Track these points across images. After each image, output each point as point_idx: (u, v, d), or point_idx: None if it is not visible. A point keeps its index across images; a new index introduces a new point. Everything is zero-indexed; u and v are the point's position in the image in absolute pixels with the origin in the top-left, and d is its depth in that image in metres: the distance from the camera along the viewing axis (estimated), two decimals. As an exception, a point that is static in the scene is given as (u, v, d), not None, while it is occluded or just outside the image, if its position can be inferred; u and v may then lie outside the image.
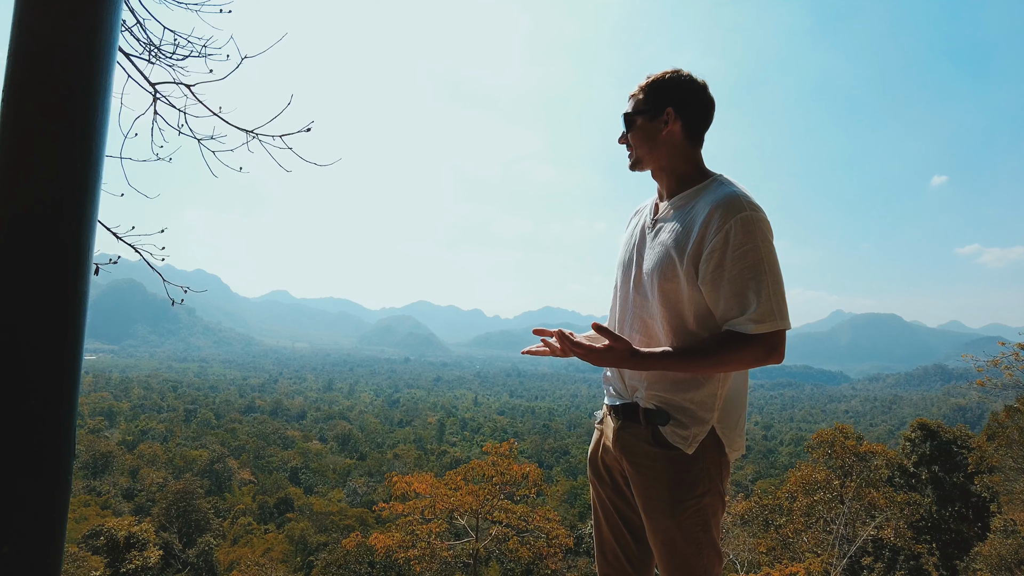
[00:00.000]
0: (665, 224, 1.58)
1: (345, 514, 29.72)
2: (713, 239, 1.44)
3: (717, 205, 1.45)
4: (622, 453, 1.64)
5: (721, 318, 1.46)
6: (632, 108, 1.61)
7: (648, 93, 1.58)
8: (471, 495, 11.15)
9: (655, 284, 1.55)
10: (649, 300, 1.58)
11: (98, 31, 1.08)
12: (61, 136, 1.04)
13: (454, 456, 47.16)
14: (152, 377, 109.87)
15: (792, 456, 50.29)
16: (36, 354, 1.00)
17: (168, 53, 2.30)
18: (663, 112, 1.55)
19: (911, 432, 17.00)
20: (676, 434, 1.53)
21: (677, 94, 1.55)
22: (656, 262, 1.55)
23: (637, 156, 1.62)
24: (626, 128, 1.62)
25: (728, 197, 1.45)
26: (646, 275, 1.59)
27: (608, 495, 1.75)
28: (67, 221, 1.04)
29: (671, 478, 1.54)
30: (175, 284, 2.68)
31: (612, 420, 1.70)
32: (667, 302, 1.53)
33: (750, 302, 1.41)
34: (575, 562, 18.18)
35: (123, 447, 43.34)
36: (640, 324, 1.61)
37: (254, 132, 2.34)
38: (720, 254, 1.43)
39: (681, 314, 1.52)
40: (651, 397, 1.57)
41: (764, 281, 1.41)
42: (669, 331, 1.54)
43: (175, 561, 23.61)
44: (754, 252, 1.41)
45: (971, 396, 49.77)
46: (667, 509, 1.54)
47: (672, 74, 1.57)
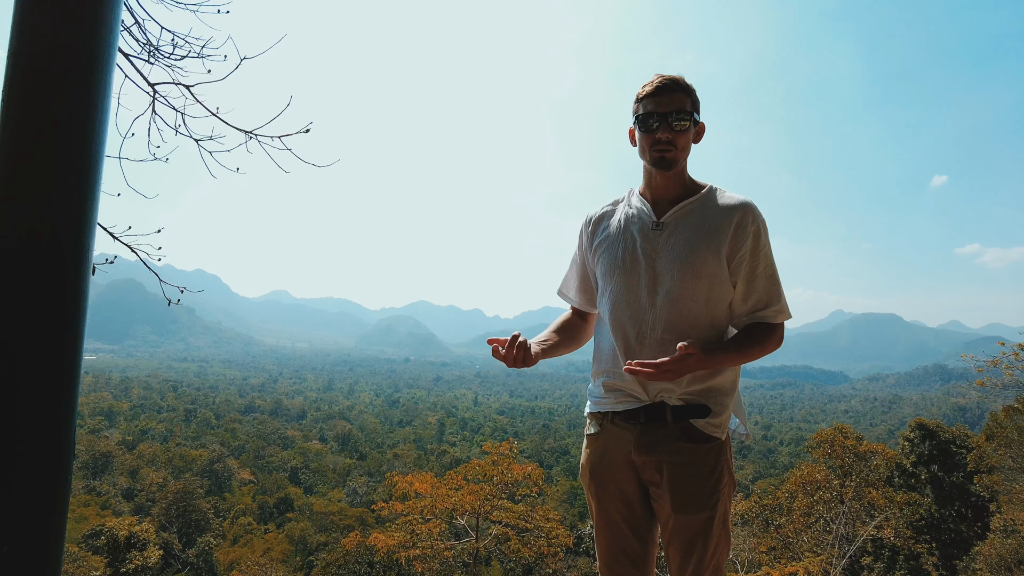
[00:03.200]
0: (680, 224, 1.61)
1: (345, 514, 29.71)
2: (746, 239, 1.58)
3: (743, 208, 1.60)
4: (648, 455, 1.62)
5: (751, 309, 1.63)
6: (691, 108, 1.58)
7: (694, 98, 1.62)
8: (471, 495, 11.15)
9: (685, 282, 1.58)
10: (677, 299, 1.58)
11: (98, 31, 1.09)
12: (61, 136, 1.04)
13: (454, 456, 47.10)
14: (152, 377, 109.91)
15: (792, 456, 50.27)
16: (36, 354, 1.00)
17: (167, 53, 2.30)
18: (698, 121, 1.63)
19: (910, 432, 17.01)
20: (710, 424, 1.60)
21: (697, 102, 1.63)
22: (683, 260, 1.58)
23: (677, 156, 1.59)
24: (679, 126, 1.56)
25: (747, 201, 1.62)
26: (668, 275, 1.59)
27: (614, 505, 1.71)
28: (67, 221, 1.04)
29: (705, 470, 1.60)
30: (173, 284, 2.68)
31: (625, 426, 1.66)
32: (699, 298, 1.59)
33: (776, 295, 1.62)
34: (575, 562, 18.19)
35: (123, 447, 43.32)
36: (671, 326, 1.59)
37: (252, 133, 2.34)
38: (753, 252, 1.59)
39: (713, 310, 1.62)
40: (685, 393, 1.60)
41: (778, 277, 1.64)
42: (696, 326, 1.59)
43: (175, 561, 23.62)
44: (771, 251, 1.63)
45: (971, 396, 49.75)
46: (702, 503, 1.59)
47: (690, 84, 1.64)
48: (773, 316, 1.62)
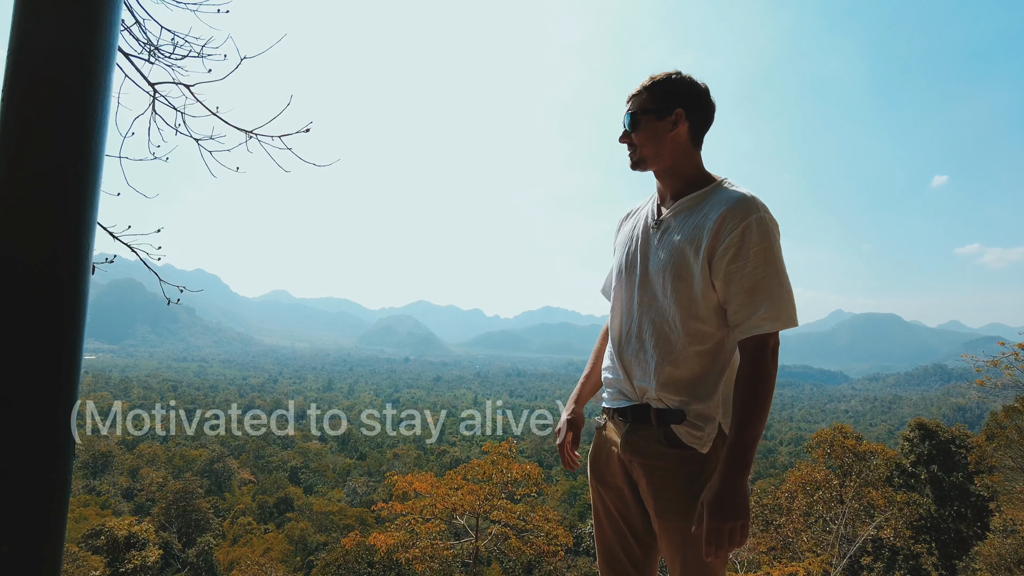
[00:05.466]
0: (674, 224, 1.57)
1: (345, 514, 29.71)
2: (729, 236, 1.45)
3: (733, 205, 1.47)
4: (632, 455, 1.62)
5: (734, 315, 1.47)
6: (639, 107, 1.58)
7: (656, 92, 1.57)
8: (471, 495, 11.15)
9: (668, 283, 1.54)
10: (660, 300, 1.57)
11: (98, 31, 1.09)
12: (61, 135, 1.04)
13: (454, 456, 47.14)
14: (152, 377, 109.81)
15: (792, 456, 50.25)
16: (36, 354, 1.00)
17: (167, 53, 2.30)
18: (672, 112, 1.55)
19: (909, 432, 17.01)
20: (690, 435, 1.53)
21: (687, 96, 1.56)
22: (668, 261, 1.55)
23: (641, 155, 1.61)
24: (631, 127, 1.59)
25: (743, 198, 1.48)
26: (656, 275, 1.58)
27: (611, 499, 1.72)
28: (67, 221, 1.04)
29: (685, 478, 1.53)
30: (173, 284, 2.68)
31: (618, 423, 1.68)
32: (680, 301, 1.52)
33: (762, 300, 1.43)
34: (575, 561, 18.18)
35: (123, 447, 43.32)
36: (651, 327, 1.58)
37: (252, 132, 2.34)
38: (736, 251, 1.44)
39: (695, 314, 1.52)
40: (664, 399, 1.55)
41: (778, 280, 1.45)
42: (683, 332, 1.53)
43: (175, 561, 23.62)
44: (769, 252, 1.44)
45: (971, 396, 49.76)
46: (681, 510, 1.53)
47: (678, 75, 1.57)
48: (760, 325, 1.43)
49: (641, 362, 1.60)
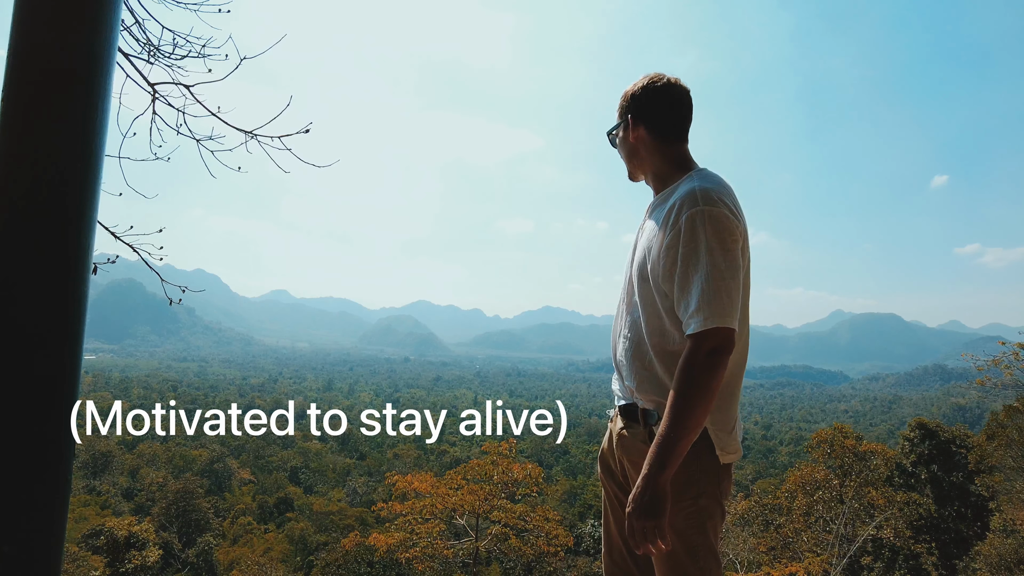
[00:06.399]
0: (647, 224, 1.63)
1: (345, 514, 29.74)
2: (670, 234, 1.44)
3: (680, 201, 1.45)
4: (622, 452, 1.66)
5: (679, 314, 1.44)
6: (610, 129, 1.72)
7: (618, 111, 1.68)
8: (471, 495, 11.15)
9: (636, 284, 1.59)
10: (633, 301, 1.61)
11: (98, 31, 1.09)
12: (61, 135, 1.04)
13: (454, 456, 47.17)
14: (152, 377, 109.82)
15: (792, 456, 50.27)
16: (36, 354, 1.00)
17: (167, 53, 2.30)
18: (624, 121, 1.65)
19: (909, 432, 17.01)
20: None
21: (633, 101, 1.63)
22: (636, 262, 1.60)
23: (628, 169, 1.72)
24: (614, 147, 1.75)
25: (688, 193, 1.44)
26: (631, 276, 1.64)
27: (615, 492, 1.76)
28: (67, 221, 1.04)
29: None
30: (174, 284, 2.69)
31: (616, 420, 1.74)
32: (645, 301, 1.55)
33: (691, 299, 1.38)
34: (575, 561, 18.19)
35: (123, 447, 43.33)
36: (629, 328, 1.63)
37: (253, 133, 2.35)
38: (675, 250, 1.42)
39: (658, 313, 1.52)
40: (646, 400, 1.58)
41: (706, 277, 1.37)
42: (651, 332, 1.55)
43: (175, 561, 23.64)
44: (697, 249, 1.39)
45: (971, 396, 49.75)
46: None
47: (635, 84, 1.65)
48: (688, 325, 1.39)
49: (626, 362, 1.63)
